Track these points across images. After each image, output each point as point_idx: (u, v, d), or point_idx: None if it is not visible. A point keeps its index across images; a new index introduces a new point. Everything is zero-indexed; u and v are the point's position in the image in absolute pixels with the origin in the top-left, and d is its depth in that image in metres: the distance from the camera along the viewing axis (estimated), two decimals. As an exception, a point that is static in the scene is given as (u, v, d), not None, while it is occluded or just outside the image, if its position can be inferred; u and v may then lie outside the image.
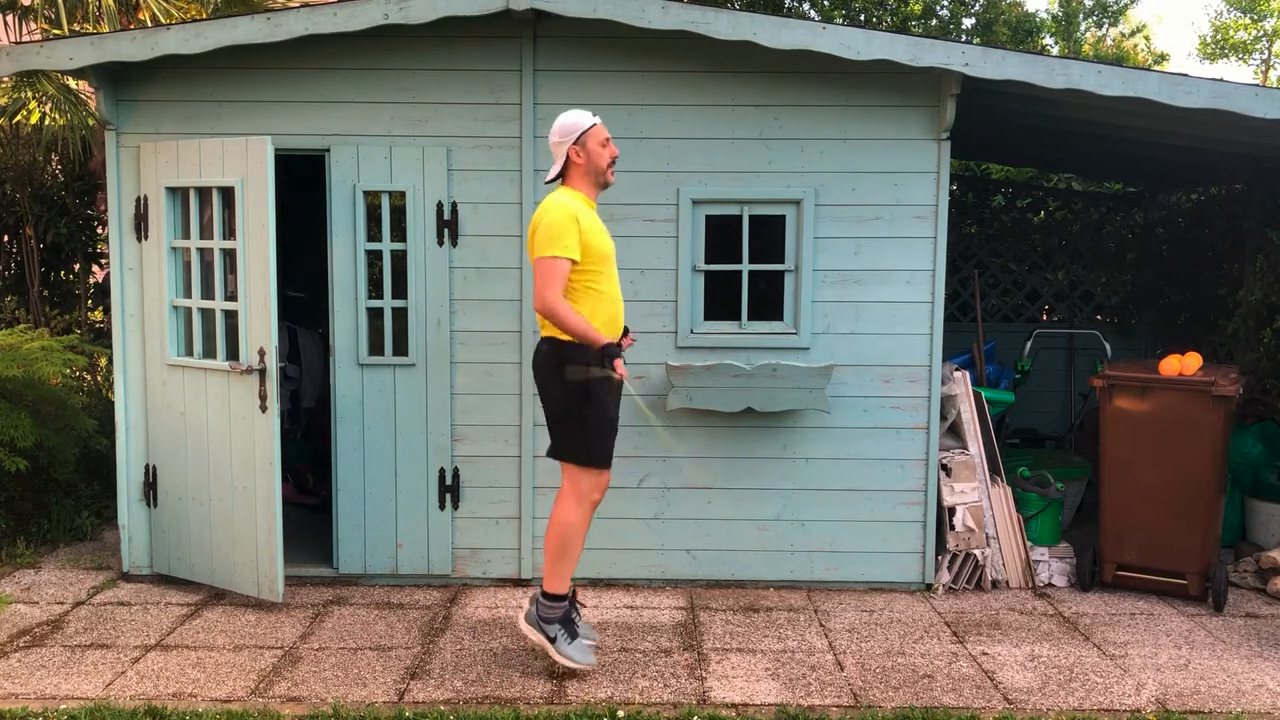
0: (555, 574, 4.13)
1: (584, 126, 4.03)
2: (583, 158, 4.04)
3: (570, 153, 4.03)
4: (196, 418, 5.02)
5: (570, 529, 4.10)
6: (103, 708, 3.80)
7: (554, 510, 4.14)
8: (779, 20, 4.72)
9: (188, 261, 5.07)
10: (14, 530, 5.78)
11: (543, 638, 4.14)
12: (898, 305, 5.14)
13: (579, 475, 4.10)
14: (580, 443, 4.07)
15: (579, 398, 4.01)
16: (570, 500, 4.11)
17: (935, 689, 4.12)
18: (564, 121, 4.05)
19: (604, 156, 4.06)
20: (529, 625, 4.18)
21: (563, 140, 4.03)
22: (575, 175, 4.07)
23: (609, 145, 4.09)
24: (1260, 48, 20.14)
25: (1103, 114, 5.27)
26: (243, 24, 4.75)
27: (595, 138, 4.05)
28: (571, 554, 4.13)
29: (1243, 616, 4.98)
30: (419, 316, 5.11)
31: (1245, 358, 6.75)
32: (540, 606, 4.16)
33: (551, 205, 3.96)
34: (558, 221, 3.90)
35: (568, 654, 4.12)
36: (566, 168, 4.07)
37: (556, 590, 4.14)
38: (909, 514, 5.22)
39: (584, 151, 4.04)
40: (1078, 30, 15.48)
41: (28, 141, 7.33)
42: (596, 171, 4.07)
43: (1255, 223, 6.87)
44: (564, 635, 4.14)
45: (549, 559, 4.13)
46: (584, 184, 4.08)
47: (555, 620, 4.14)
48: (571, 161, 4.05)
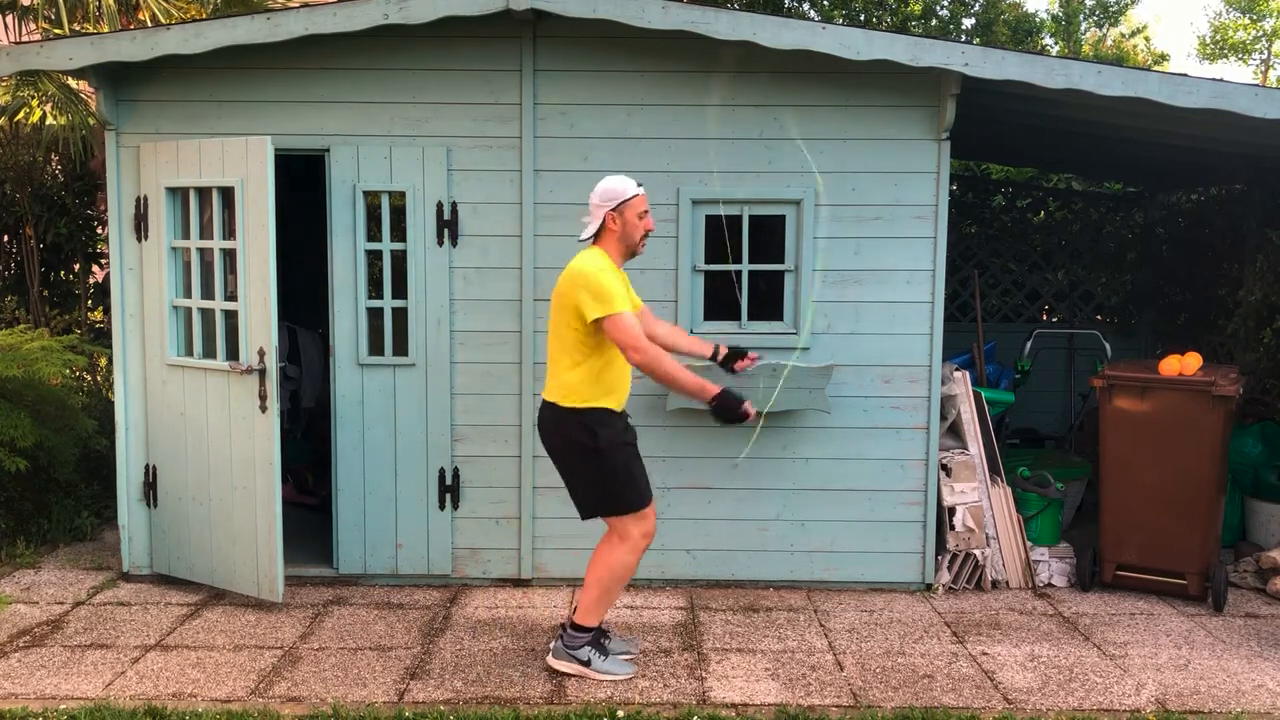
0: (593, 611, 4.11)
1: (626, 196, 4.00)
2: (618, 225, 4.02)
3: (607, 218, 4.01)
4: (196, 418, 5.02)
5: (620, 572, 4.06)
6: (103, 708, 3.80)
7: (602, 551, 4.08)
8: (779, 20, 4.72)
9: (188, 261, 5.07)
10: (14, 530, 5.78)
11: (577, 665, 4.13)
12: (898, 305, 5.14)
13: (621, 524, 4.06)
14: (609, 497, 4.04)
15: (591, 458, 3.98)
16: (622, 545, 4.06)
17: (935, 689, 4.12)
18: (608, 186, 4.02)
19: (639, 229, 4.05)
20: (559, 660, 4.16)
21: (602, 205, 4.01)
22: (608, 240, 4.06)
23: (646, 218, 4.07)
24: (1260, 48, 20.15)
25: (1103, 114, 5.27)
26: (243, 24, 4.75)
27: (634, 209, 4.02)
28: (614, 595, 4.12)
29: (1243, 616, 4.98)
30: (419, 316, 5.11)
31: (1245, 358, 6.75)
32: (567, 638, 4.14)
33: (592, 268, 3.91)
34: (604, 281, 3.87)
35: (607, 670, 4.12)
36: (601, 230, 4.05)
37: (589, 624, 4.13)
38: (909, 514, 5.22)
39: (620, 220, 4.02)
40: (1078, 30, 15.48)
41: (28, 141, 7.33)
42: (629, 242, 4.06)
43: (1255, 223, 6.87)
44: (597, 655, 4.13)
45: (590, 594, 4.08)
46: (614, 250, 4.06)
47: (584, 645, 4.13)
48: (607, 227, 4.03)
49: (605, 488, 4.03)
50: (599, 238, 4.08)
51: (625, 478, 4.02)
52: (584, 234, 4.10)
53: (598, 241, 4.08)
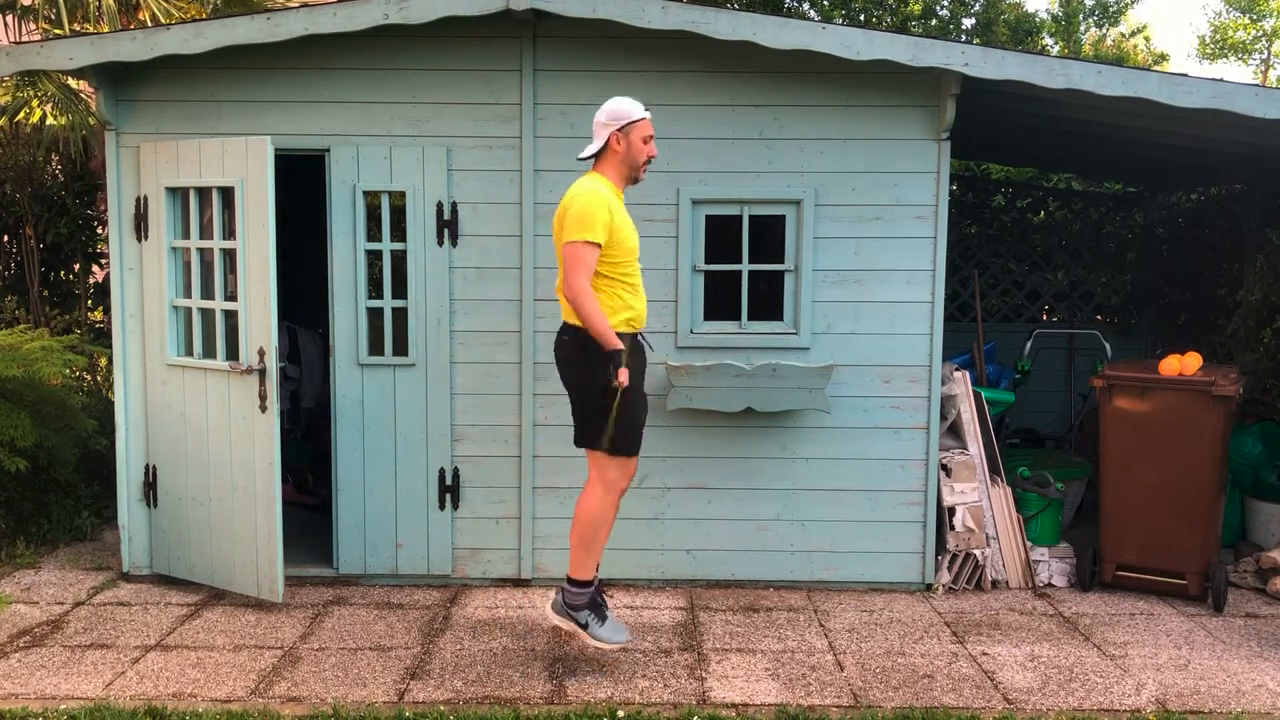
0: (581, 561, 4.13)
1: (633, 117, 4.00)
2: (622, 146, 4.01)
3: (612, 138, 4.00)
4: (196, 418, 5.02)
5: (596, 517, 4.10)
6: (103, 708, 3.80)
7: (581, 498, 4.14)
8: (779, 20, 4.72)
9: (188, 261, 5.07)
10: (14, 530, 5.78)
11: (573, 624, 4.15)
12: (897, 305, 5.14)
13: (605, 463, 4.09)
14: (604, 432, 4.04)
15: (599, 383, 3.97)
16: (597, 489, 4.10)
17: (935, 689, 4.12)
18: (614, 106, 4.01)
19: (643, 153, 4.04)
20: (557, 613, 4.18)
21: (609, 124, 3.99)
22: (610, 162, 4.04)
23: (650, 143, 4.07)
24: (1260, 48, 20.15)
25: (1103, 114, 5.27)
26: (243, 24, 4.75)
27: (640, 131, 4.02)
28: (598, 542, 4.14)
29: (1243, 616, 4.98)
30: (419, 316, 5.11)
31: (1245, 358, 6.75)
32: (567, 594, 4.16)
33: (585, 190, 3.91)
34: (590, 206, 3.86)
35: (601, 635, 4.14)
36: (603, 152, 4.03)
37: (582, 576, 4.14)
38: (909, 514, 5.22)
39: (625, 141, 4.01)
40: (1078, 30, 15.47)
41: (28, 141, 7.33)
42: (632, 165, 4.05)
43: (1255, 223, 6.87)
44: (594, 619, 4.15)
45: (575, 546, 4.13)
46: (615, 173, 4.05)
47: (584, 606, 4.15)
48: (610, 148, 4.02)
49: (604, 423, 4.02)
50: (600, 159, 4.05)
51: (625, 420, 4.03)
52: (585, 152, 4.07)
53: (598, 164, 4.06)
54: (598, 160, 4.07)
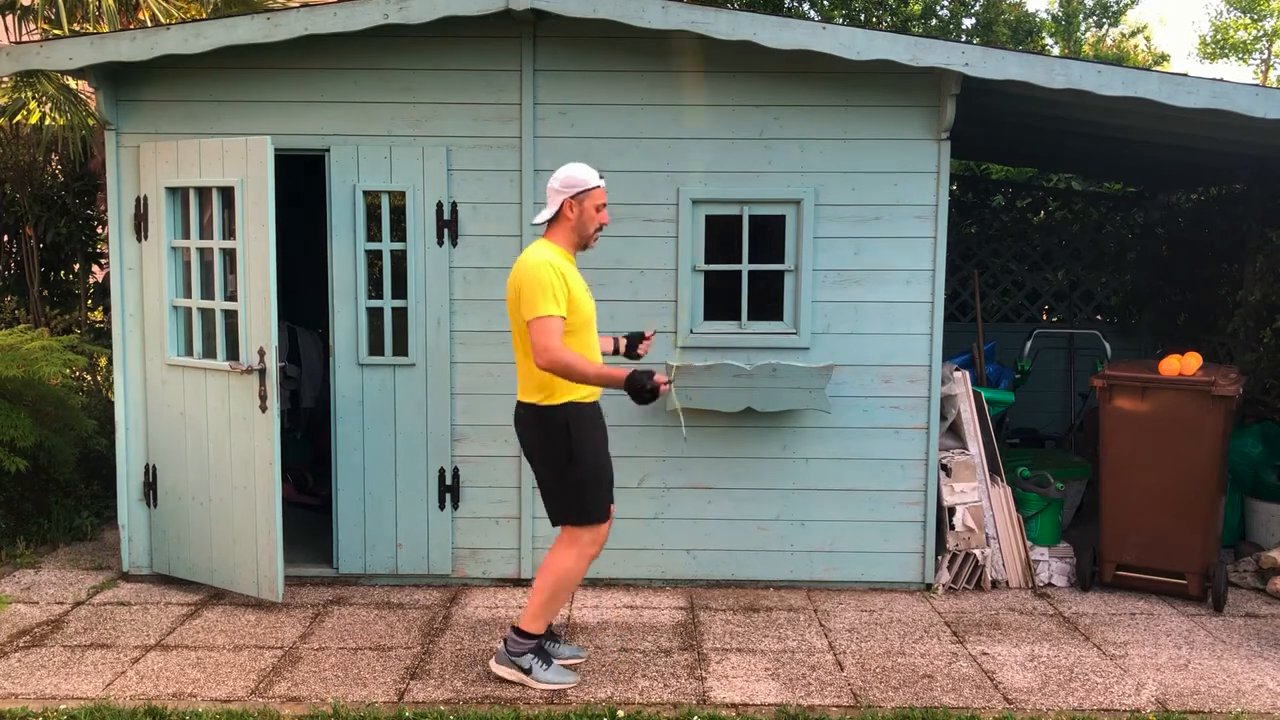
0: (538, 617, 4.07)
1: (587, 185, 3.95)
2: (574, 214, 3.96)
3: (565, 205, 3.95)
4: (196, 418, 5.02)
5: (566, 579, 4.03)
6: (103, 708, 3.80)
7: (551, 556, 4.06)
8: (779, 20, 4.72)
9: (187, 261, 5.07)
10: (14, 530, 5.78)
11: (518, 672, 4.08)
12: (898, 305, 5.14)
13: (578, 532, 4.04)
14: (575, 504, 4.00)
15: (564, 459, 3.94)
16: (570, 551, 4.03)
17: (935, 689, 4.12)
18: (569, 173, 3.95)
19: (594, 221, 4.00)
20: (502, 666, 4.11)
21: (562, 191, 3.95)
22: (561, 229, 3.99)
23: (602, 212, 4.02)
24: (1260, 48, 20.15)
25: (1103, 114, 5.27)
26: (243, 24, 4.75)
27: (594, 199, 3.97)
28: (561, 601, 4.08)
29: (1243, 616, 4.98)
30: (419, 316, 5.11)
31: (1245, 358, 6.75)
32: (510, 644, 4.09)
33: (536, 264, 3.84)
34: (544, 281, 3.79)
35: (547, 679, 4.07)
36: (556, 218, 3.99)
37: (533, 630, 4.08)
38: (909, 514, 5.22)
39: (578, 209, 3.96)
40: (1078, 30, 15.47)
41: (28, 141, 7.33)
42: (583, 233, 4.00)
43: (1255, 223, 6.87)
44: (539, 664, 4.09)
45: (537, 601, 4.05)
46: (566, 240, 4.00)
47: (527, 652, 4.09)
48: (563, 215, 3.97)
49: (572, 496, 3.99)
50: (553, 225, 4.02)
51: (592, 490, 4.00)
52: (537, 218, 4.04)
53: (550, 230, 4.02)
54: (550, 226, 4.02)
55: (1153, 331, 8.23)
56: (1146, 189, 8.51)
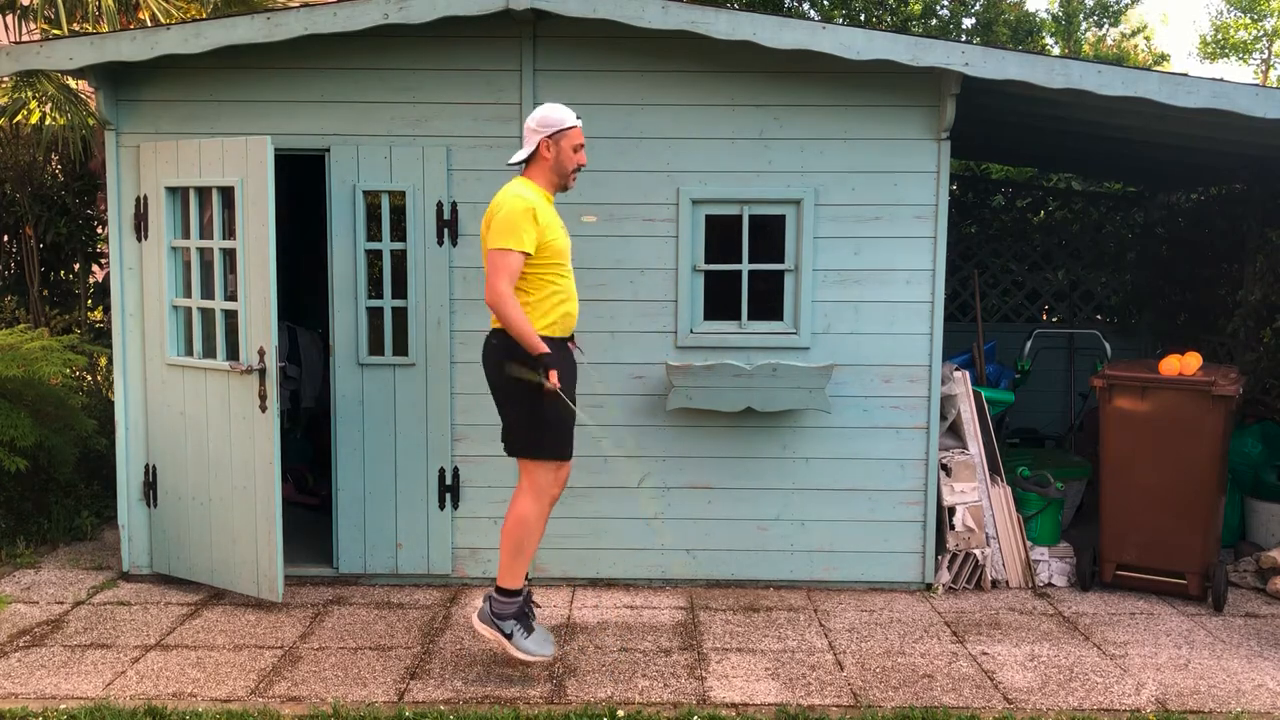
0: (510, 569, 4.09)
1: (564, 125, 3.99)
2: (551, 153, 4.01)
3: (541, 144, 3.99)
4: (196, 417, 5.02)
5: (527, 524, 4.06)
6: (103, 708, 3.80)
7: (511, 505, 4.10)
8: (779, 20, 4.72)
9: (187, 261, 5.07)
10: (14, 530, 5.79)
11: (498, 634, 4.08)
12: (898, 305, 5.14)
13: (535, 470, 4.06)
14: (534, 437, 4.02)
15: (530, 391, 3.95)
16: (528, 495, 4.07)
17: (935, 689, 4.12)
18: (545, 113, 4.01)
19: (572, 161, 4.04)
20: (482, 623, 4.12)
21: (539, 130, 3.99)
22: (539, 168, 4.04)
23: (580, 152, 4.06)
24: (1260, 47, 20.15)
25: (1103, 114, 5.27)
26: (242, 24, 4.75)
27: (570, 139, 4.01)
28: (528, 549, 4.09)
29: (1243, 616, 4.98)
30: (419, 316, 5.11)
31: (1245, 358, 6.75)
32: (494, 603, 4.11)
33: (509, 197, 3.91)
34: (514, 213, 3.85)
35: (525, 648, 4.08)
36: (533, 158, 4.03)
37: (511, 585, 4.09)
38: (909, 514, 5.22)
39: (555, 148, 4.00)
40: (1078, 30, 15.47)
41: (28, 141, 7.33)
42: (561, 172, 4.04)
43: (1255, 223, 6.87)
44: (520, 630, 4.09)
45: (504, 554, 4.08)
46: (545, 179, 4.04)
47: (510, 616, 4.09)
48: (540, 154, 4.01)
49: (533, 428, 4.00)
50: (530, 165, 4.04)
51: (553, 422, 4.01)
52: (514, 158, 4.06)
53: (528, 170, 4.04)
54: (528, 166, 4.05)
55: (1153, 331, 8.23)
56: (1146, 189, 8.51)
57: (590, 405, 5.14)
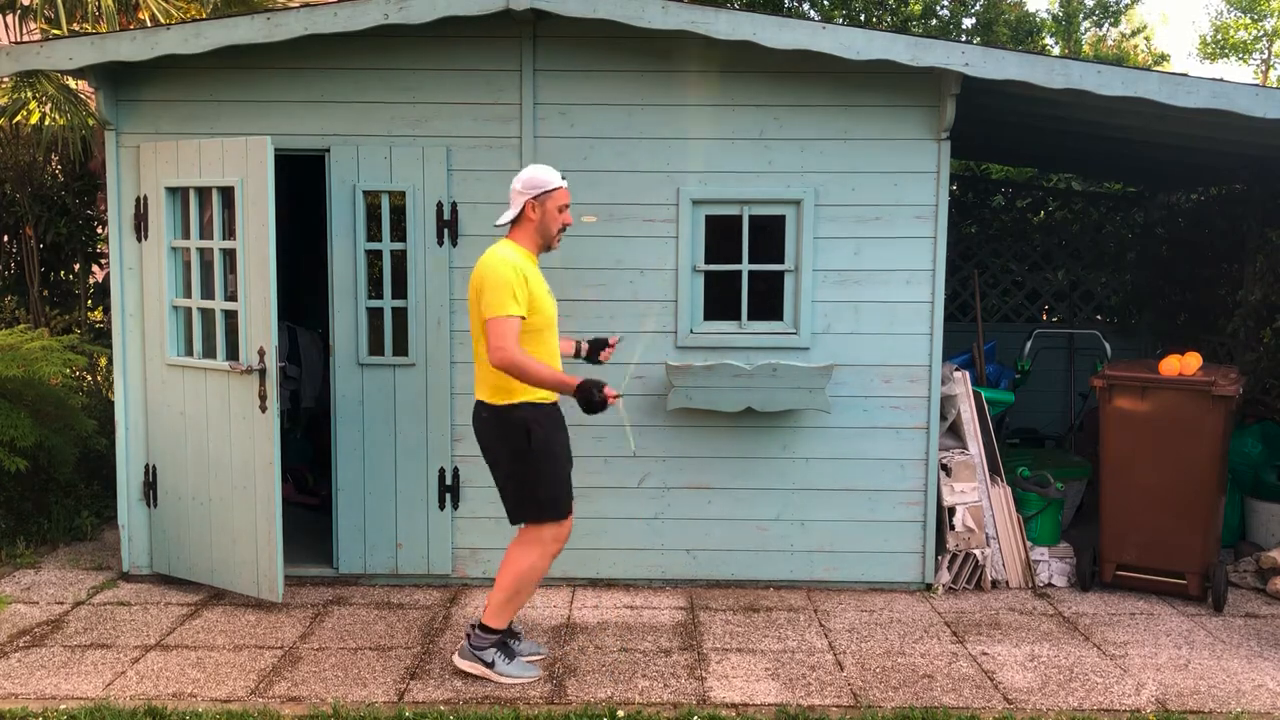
0: (501, 612, 4.08)
1: (549, 186, 3.95)
2: (537, 215, 3.97)
3: (527, 206, 3.95)
4: (196, 418, 5.02)
5: (530, 575, 4.04)
6: (103, 708, 3.80)
7: (513, 551, 4.05)
8: (779, 20, 4.72)
9: (187, 261, 5.07)
10: (14, 530, 5.78)
11: (481, 666, 4.09)
12: (898, 305, 5.14)
13: (540, 530, 4.04)
14: (535, 502, 4.00)
15: (522, 458, 3.94)
16: (534, 549, 4.04)
17: (935, 689, 4.12)
18: (531, 175, 3.96)
19: (557, 222, 4.01)
20: (465, 660, 4.13)
21: (524, 193, 3.95)
22: (524, 230, 4.00)
23: (565, 212, 4.03)
24: (1260, 48, 20.15)
25: (1103, 114, 5.27)
26: (243, 24, 4.75)
27: (555, 201, 3.98)
28: (523, 597, 4.09)
29: (1243, 616, 4.98)
30: (419, 316, 5.11)
31: (1245, 358, 6.75)
32: (474, 639, 4.11)
33: (497, 262, 3.85)
34: (505, 280, 3.80)
35: (509, 673, 4.08)
36: (518, 219, 3.99)
37: (496, 626, 4.09)
38: (909, 514, 5.22)
39: (540, 210, 3.97)
40: (1078, 30, 15.47)
41: (28, 141, 7.33)
42: (545, 234, 4.01)
43: (1255, 223, 6.87)
44: (501, 658, 4.10)
45: (499, 596, 4.05)
46: (529, 241, 4.01)
47: (489, 646, 4.10)
48: (525, 216, 3.97)
49: (531, 493, 3.99)
50: (515, 227, 4.02)
51: (551, 486, 4.00)
52: (500, 220, 4.04)
53: (513, 231, 4.02)
54: (513, 227, 4.02)
55: (1153, 331, 8.23)
56: (1146, 189, 8.51)
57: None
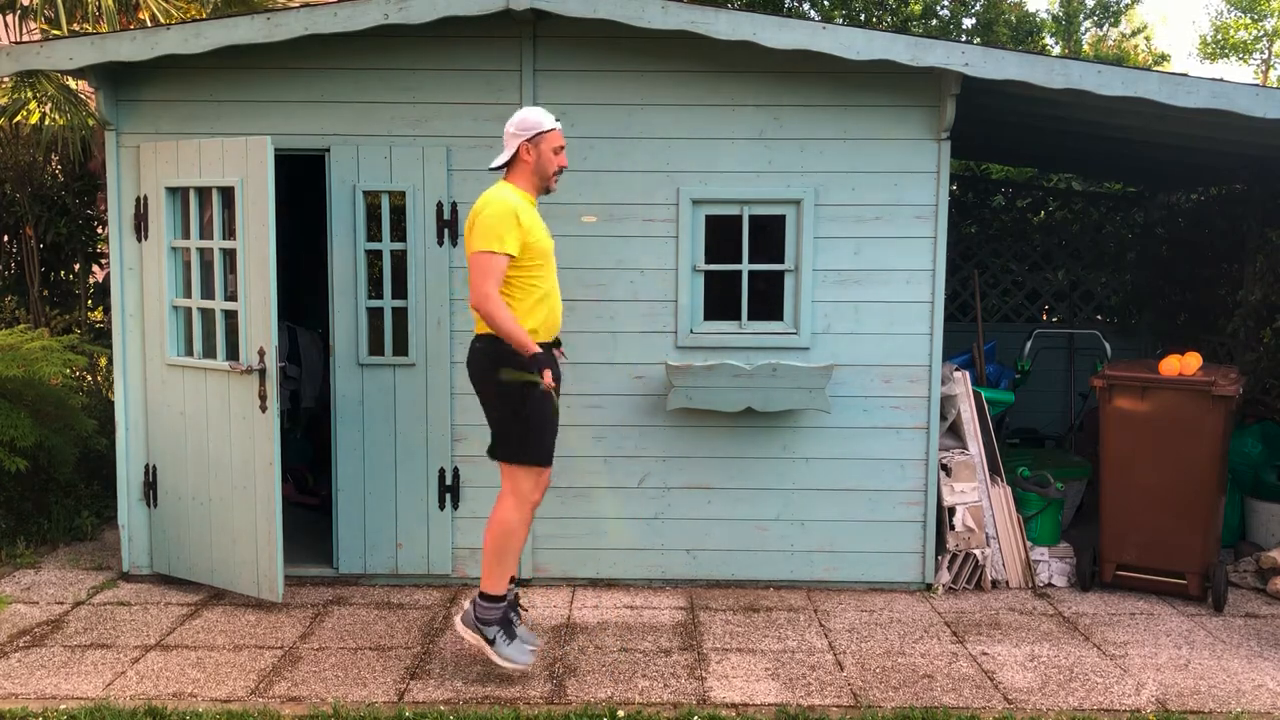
0: (493, 575, 4.08)
1: (542, 128, 3.98)
2: (532, 156, 3.99)
3: (521, 148, 3.98)
4: (196, 417, 5.02)
5: (509, 530, 4.06)
6: (103, 708, 3.80)
7: (494, 511, 4.09)
8: (779, 20, 4.72)
9: (187, 261, 5.07)
10: (14, 530, 5.78)
11: (480, 639, 4.09)
12: (898, 305, 5.14)
13: (518, 475, 4.06)
14: (517, 442, 4.02)
15: (516, 395, 3.96)
16: (510, 501, 4.07)
17: (935, 689, 4.12)
18: (524, 115, 4.00)
19: (553, 163, 4.02)
20: (466, 627, 4.12)
21: (518, 134, 3.98)
22: (520, 172, 4.03)
23: (561, 154, 4.05)
24: (1260, 48, 20.15)
25: (1103, 114, 5.27)
26: (243, 24, 4.75)
27: (550, 142, 4.00)
28: (510, 555, 4.09)
29: (1243, 616, 4.98)
30: (419, 316, 5.11)
31: (1245, 358, 6.75)
32: (478, 608, 4.11)
33: (492, 199, 3.90)
34: (497, 216, 3.84)
35: (506, 655, 4.09)
36: (513, 161, 4.02)
37: (495, 590, 4.09)
38: (909, 514, 5.22)
39: (535, 151, 3.99)
40: (1078, 30, 15.47)
41: (28, 141, 7.33)
42: (542, 175, 4.02)
43: (1255, 223, 6.87)
44: (502, 637, 4.10)
45: (487, 559, 4.08)
46: (526, 182, 4.03)
47: (494, 622, 4.09)
48: (520, 158, 4.00)
49: (517, 431, 4.00)
50: (511, 169, 4.03)
51: (537, 427, 4.02)
52: (495, 162, 4.05)
53: (509, 174, 4.04)
54: (509, 170, 4.04)
55: (1153, 331, 8.23)
56: (1146, 189, 8.51)
57: (590, 405, 5.14)
